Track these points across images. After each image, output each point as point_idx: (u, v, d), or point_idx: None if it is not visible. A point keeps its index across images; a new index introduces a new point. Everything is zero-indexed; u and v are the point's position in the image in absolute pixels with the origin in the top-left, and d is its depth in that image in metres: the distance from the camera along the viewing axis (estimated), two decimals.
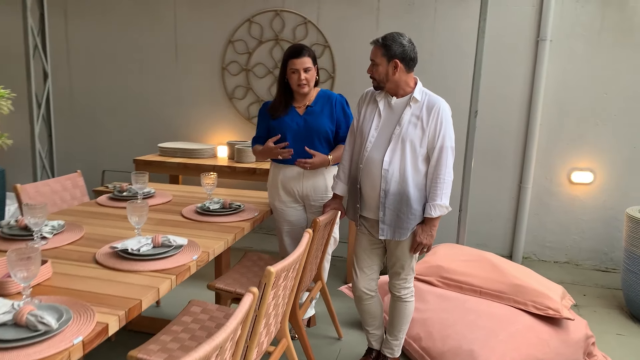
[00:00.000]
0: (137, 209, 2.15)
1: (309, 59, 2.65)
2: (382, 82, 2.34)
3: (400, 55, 2.29)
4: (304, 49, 2.65)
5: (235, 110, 4.58)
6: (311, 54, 2.67)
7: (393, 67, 2.30)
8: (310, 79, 2.68)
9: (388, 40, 2.30)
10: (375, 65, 2.34)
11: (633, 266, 3.30)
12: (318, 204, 2.80)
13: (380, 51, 2.32)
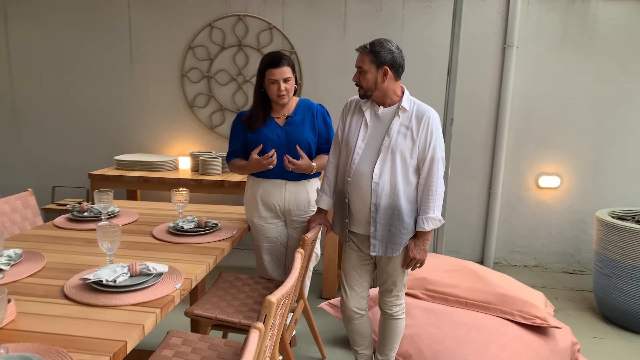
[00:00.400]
0: (109, 233, 1.93)
1: (288, 69, 2.50)
2: (369, 90, 2.23)
3: (390, 62, 2.19)
4: (283, 58, 2.50)
5: (196, 119, 4.36)
6: (290, 63, 2.53)
7: (382, 75, 2.19)
8: (290, 89, 2.53)
9: (376, 47, 2.20)
10: (363, 72, 2.22)
11: (605, 269, 3.35)
12: (300, 219, 2.66)
13: (368, 57, 2.21)
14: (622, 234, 3.21)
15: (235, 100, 4.28)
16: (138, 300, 1.71)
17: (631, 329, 3.25)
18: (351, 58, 4.06)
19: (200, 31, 4.21)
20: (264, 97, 2.58)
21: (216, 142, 4.37)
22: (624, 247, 3.20)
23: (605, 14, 3.81)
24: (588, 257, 4.16)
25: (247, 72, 4.23)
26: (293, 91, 2.58)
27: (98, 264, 2.04)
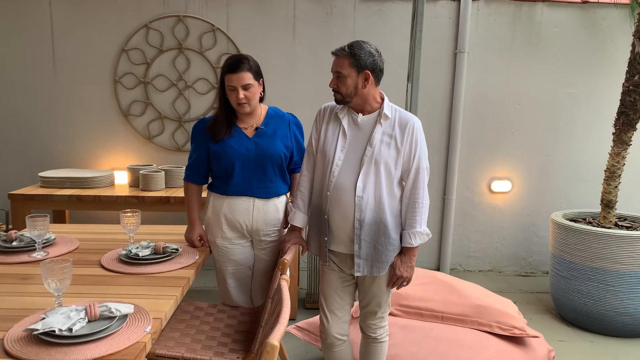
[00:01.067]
0: (58, 271, 1.60)
1: (248, 74, 2.20)
2: (349, 96, 2.05)
3: (371, 66, 2.02)
4: (243, 62, 2.21)
5: (132, 129, 3.96)
6: (252, 68, 2.23)
7: (363, 80, 2.02)
8: (251, 97, 2.24)
9: (356, 49, 2.01)
10: (342, 77, 2.03)
11: (563, 271, 3.39)
12: (269, 239, 2.41)
13: (347, 61, 2.02)
14: (581, 236, 3.25)
15: (175, 108, 3.94)
16: (102, 353, 1.40)
17: (590, 329, 3.31)
18: (300, 62, 3.88)
19: (135, 32, 3.83)
20: (227, 104, 2.30)
21: (155, 153, 4.00)
22: (582, 249, 3.25)
23: (550, 21, 3.90)
24: (539, 258, 4.24)
25: (189, 77, 3.91)
26: (257, 99, 2.30)
27: (43, 308, 1.69)
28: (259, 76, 2.29)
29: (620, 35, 3.90)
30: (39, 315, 1.59)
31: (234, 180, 2.30)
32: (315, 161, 2.20)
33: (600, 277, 3.20)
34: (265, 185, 2.33)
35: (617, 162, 3.44)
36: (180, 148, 3.98)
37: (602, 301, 3.21)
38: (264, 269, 2.49)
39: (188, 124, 3.96)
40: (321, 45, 3.89)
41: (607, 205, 3.47)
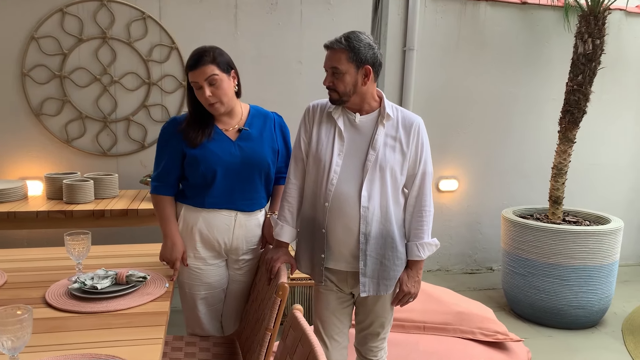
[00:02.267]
0: (12, 325, 1.20)
1: (211, 67, 1.87)
2: (346, 95, 1.81)
3: (372, 60, 1.80)
4: (204, 55, 1.89)
5: (45, 130, 3.38)
6: (217, 59, 1.90)
7: (363, 76, 1.79)
8: (221, 94, 1.91)
9: (354, 41, 1.78)
10: (339, 73, 1.78)
11: (519, 268, 3.41)
12: (247, 257, 2.11)
13: (345, 55, 1.78)
14: (537, 234, 3.29)
15: (99, 106, 3.42)
16: None
17: (547, 324, 3.36)
18: (244, 56, 3.55)
19: (48, 18, 3.26)
20: (198, 105, 1.96)
21: (75, 159, 3.45)
22: (539, 247, 3.29)
23: (493, 20, 3.94)
24: (483, 255, 4.29)
25: (115, 70, 3.41)
26: (230, 95, 1.95)
27: None
28: (228, 68, 1.95)
29: (555, 36, 4.04)
30: None
31: (214, 190, 1.97)
32: (304, 167, 1.93)
33: (556, 273, 3.26)
34: (250, 196, 2.02)
35: (563, 159, 3.54)
36: (105, 152, 3.47)
37: (558, 296, 3.27)
38: (238, 292, 2.18)
39: (114, 125, 3.46)
40: (265, 39, 3.59)
41: (555, 202, 3.56)
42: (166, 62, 3.47)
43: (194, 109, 1.97)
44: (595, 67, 3.43)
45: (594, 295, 3.26)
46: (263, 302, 1.92)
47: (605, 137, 4.30)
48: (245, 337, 2.06)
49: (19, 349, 1.22)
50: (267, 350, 1.71)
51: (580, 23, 3.46)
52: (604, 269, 3.26)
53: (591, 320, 3.34)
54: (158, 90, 3.48)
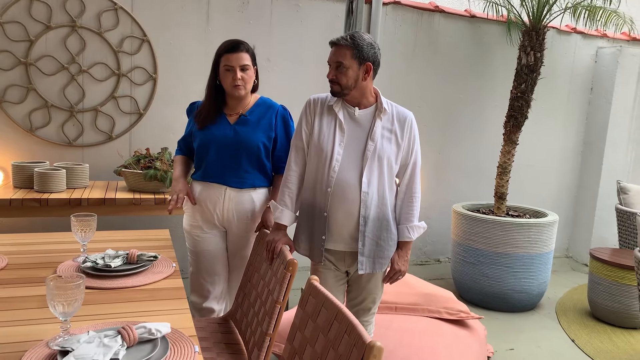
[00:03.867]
0: (68, 290, 1.26)
1: (246, 55, 2.18)
2: (347, 88, 1.99)
3: (372, 58, 2.00)
4: (242, 44, 2.20)
5: (7, 119, 3.27)
6: (250, 52, 2.21)
7: (364, 72, 1.98)
8: (247, 80, 2.20)
9: (358, 40, 1.97)
10: (343, 68, 1.96)
11: (470, 258, 3.74)
12: (241, 230, 2.30)
13: (350, 52, 1.96)
14: (486, 226, 3.63)
15: (66, 95, 3.36)
16: None
17: (493, 308, 3.70)
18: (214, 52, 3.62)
19: (14, 2, 3.17)
20: (217, 91, 2.24)
21: (39, 148, 3.36)
22: (488, 237, 3.63)
23: (445, 31, 4.26)
24: (432, 248, 4.60)
25: (84, 60, 3.37)
26: (251, 85, 2.24)
27: (39, 338, 1.31)
28: (255, 62, 2.25)
29: (499, 48, 4.45)
30: (51, 348, 1.24)
31: (208, 165, 2.25)
32: (305, 156, 2.09)
33: (503, 261, 3.61)
34: (239, 174, 2.23)
35: (507, 159, 3.92)
36: (71, 143, 3.40)
37: (504, 282, 3.62)
38: (240, 266, 2.37)
39: (81, 115, 3.41)
40: (236, 35, 3.64)
41: (500, 197, 3.93)
42: (137, 54, 3.47)
43: (213, 95, 2.24)
44: (536, 77, 3.84)
45: (534, 280, 3.65)
46: (264, 280, 2.04)
47: (538, 141, 4.77)
48: (241, 315, 2.16)
49: (71, 314, 1.28)
50: (277, 321, 1.84)
51: (524, 37, 3.86)
52: (542, 257, 3.65)
53: (531, 303, 3.72)
54: (127, 81, 3.48)
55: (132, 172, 3.00)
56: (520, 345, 3.15)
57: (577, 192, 5.04)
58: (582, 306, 3.81)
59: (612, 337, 3.31)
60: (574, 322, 3.53)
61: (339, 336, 1.39)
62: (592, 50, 4.82)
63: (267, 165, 2.29)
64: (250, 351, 1.92)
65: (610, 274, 3.43)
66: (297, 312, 1.66)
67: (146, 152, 3.23)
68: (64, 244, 2.12)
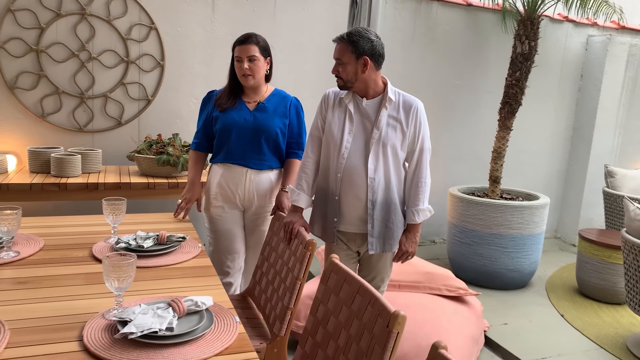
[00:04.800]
0: (123, 267, 1.40)
1: (254, 47, 2.36)
2: (350, 82, 2.13)
3: (370, 52, 2.12)
4: (252, 37, 2.38)
5: (20, 105, 3.35)
6: (260, 43, 2.36)
7: (362, 65, 2.11)
8: (255, 70, 2.37)
9: (354, 36, 2.10)
10: (343, 64, 2.11)
11: (465, 238, 3.92)
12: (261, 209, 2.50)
13: (347, 48, 2.10)
14: (481, 208, 3.81)
15: (77, 82, 3.44)
16: (217, 350, 1.30)
17: (487, 286, 3.88)
18: (220, 39, 3.73)
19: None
20: (236, 79, 2.42)
21: (50, 134, 3.45)
22: (483, 219, 3.81)
23: (442, 19, 4.39)
24: (427, 230, 4.78)
25: (93, 47, 3.44)
26: (262, 74, 2.40)
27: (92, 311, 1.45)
28: (266, 53, 2.40)
29: (494, 36, 4.58)
30: (108, 320, 1.38)
31: (230, 148, 2.41)
32: (320, 145, 2.23)
33: (497, 241, 3.80)
34: (258, 157, 2.42)
35: (502, 144, 4.08)
36: (81, 128, 3.50)
37: (497, 261, 3.82)
38: (256, 244, 2.56)
39: (91, 101, 3.50)
40: (241, 24, 3.77)
41: (494, 181, 4.10)
42: (145, 42, 3.55)
43: (232, 80, 2.42)
44: (530, 65, 3.99)
45: (526, 260, 3.85)
46: (282, 259, 2.19)
47: (530, 127, 4.95)
48: (260, 292, 2.31)
49: (124, 289, 1.42)
50: (297, 296, 1.99)
51: (519, 26, 4.00)
52: (534, 238, 3.85)
53: (522, 281, 3.92)
54: (136, 68, 3.56)
55: (145, 157, 3.11)
56: (513, 320, 3.35)
57: (566, 175, 5.25)
58: (571, 284, 4.03)
59: (598, 312, 3.52)
60: (562, 298, 3.75)
61: (362, 308, 1.54)
62: (583, 39, 4.98)
63: (281, 149, 2.48)
64: (271, 324, 2.07)
65: (597, 253, 3.64)
66: (319, 288, 1.81)
67: (158, 138, 3.34)
68: (94, 227, 2.25)
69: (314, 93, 3.94)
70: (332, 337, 1.62)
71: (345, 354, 1.52)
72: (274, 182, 2.49)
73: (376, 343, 1.41)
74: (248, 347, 1.33)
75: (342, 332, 1.57)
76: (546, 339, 3.10)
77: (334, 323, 1.64)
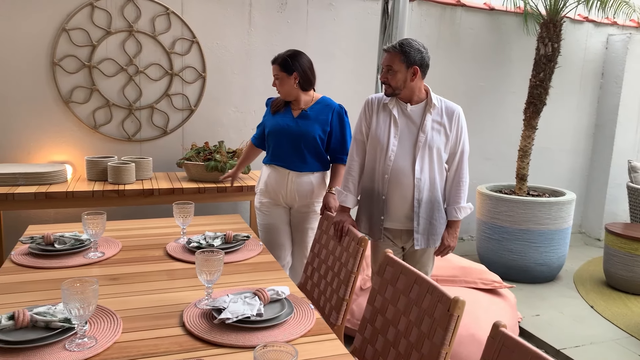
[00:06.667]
0: (213, 262, 1.59)
1: (276, 67, 2.61)
2: (398, 89, 2.31)
3: (419, 62, 2.30)
4: (277, 57, 2.63)
5: (74, 117, 3.59)
6: (282, 62, 2.60)
7: (412, 74, 2.29)
8: (280, 87, 2.63)
9: (406, 47, 2.27)
10: (393, 72, 2.28)
11: (495, 235, 4.07)
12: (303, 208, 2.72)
13: (398, 57, 2.27)
14: (510, 205, 3.96)
15: (125, 95, 3.67)
16: (302, 332, 1.49)
17: (516, 280, 4.04)
18: (256, 51, 3.93)
19: (78, 11, 3.47)
20: None
21: (101, 144, 3.69)
22: (511, 215, 3.96)
23: (466, 24, 4.55)
24: None
25: (140, 61, 3.67)
26: (287, 89, 2.62)
27: (185, 302, 1.65)
28: (288, 70, 2.60)
29: (516, 38, 4.73)
30: (201, 308, 1.58)
31: (275, 151, 2.68)
32: (365, 148, 2.41)
33: (525, 237, 3.95)
34: (299, 160, 2.64)
35: (528, 143, 4.23)
36: (130, 138, 3.73)
37: (526, 256, 3.97)
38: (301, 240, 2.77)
39: (139, 112, 3.73)
40: (276, 35, 3.98)
41: (521, 179, 4.25)
42: (187, 55, 3.77)
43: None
44: (553, 66, 4.14)
45: (554, 254, 3.99)
46: (334, 255, 2.38)
47: (553, 125, 5.08)
48: (312, 286, 2.50)
49: (213, 281, 1.61)
50: (352, 288, 2.18)
51: (542, 29, 4.15)
52: (562, 233, 3.99)
53: (551, 275, 4.07)
54: (179, 80, 3.79)
55: (194, 163, 3.32)
56: (545, 311, 3.50)
57: (589, 171, 5.37)
58: (598, 276, 4.16)
59: (627, 303, 3.66)
60: (591, 290, 3.88)
61: (420, 296, 1.72)
62: (603, 38, 5.10)
63: (322, 154, 2.67)
64: (327, 315, 2.25)
65: (624, 246, 3.77)
66: (375, 280, 1.99)
67: (205, 145, 3.55)
68: (162, 229, 2.46)
69: (346, 101, 4.11)
70: (391, 324, 1.79)
71: (406, 337, 1.70)
72: (315, 184, 2.68)
73: (437, 326, 1.59)
74: (327, 330, 1.52)
75: (402, 318, 1.75)
76: (578, 328, 3.24)
77: (393, 311, 1.81)
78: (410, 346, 1.64)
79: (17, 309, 1.42)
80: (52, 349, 1.32)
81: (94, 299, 1.33)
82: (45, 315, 1.41)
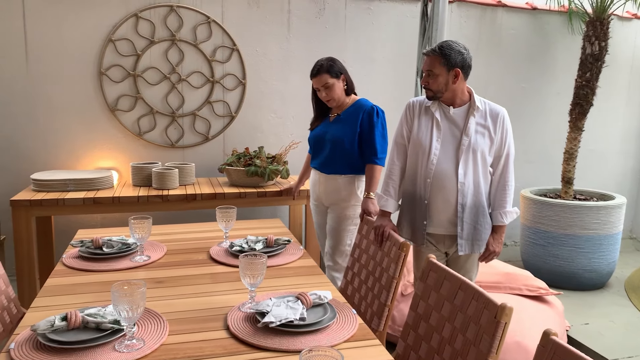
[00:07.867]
0: (257, 266, 1.61)
1: (325, 76, 2.63)
2: (440, 92, 2.27)
3: (461, 64, 2.25)
4: (320, 66, 2.64)
5: (119, 125, 3.70)
6: (327, 68, 2.63)
7: (454, 77, 2.25)
8: (333, 94, 2.66)
9: (446, 49, 2.24)
10: (434, 75, 2.24)
11: (539, 240, 3.95)
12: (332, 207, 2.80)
13: (439, 61, 2.23)
14: (555, 209, 3.84)
15: (168, 102, 3.77)
16: (347, 336, 1.48)
17: (563, 287, 3.90)
18: (295, 56, 3.96)
19: (123, 22, 3.58)
20: (318, 101, 2.78)
21: (145, 151, 3.79)
22: (557, 220, 3.84)
23: (508, 24, 4.45)
24: None
25: (183, 69, 3.76)
26: (339, 93, 2.68)
27: (226, 306, 1.67)
28: (337, 74, 2.64)
29: (560, 37, 4.60)
30: (244, 312, 1.59)
31: (312, 155, 2.90)
32: (406, 152, 2.38)
33: (572, 242, 3.81)
34: (327, 163, 2.74)
35: (574, 145, 4.10)
36: (173, 144, 3.82)
37: (574, 262, 3.83)
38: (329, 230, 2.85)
39: (181, 119, 3.81)
40: (314, 41, 4.00)
41: (567, 182, 4.12)
42: (228, 62, 3.83)
43: (316, 105, 2.78)
44: (600, 65, 3.99)
45: (603, 260, 3.84)
46: (374, 260, 2.36)
47: (600, 126, 4.90)
48: (353, 291, 2.49)
49: (256, 285, 1.63)
50: (394, 294, 2.15)
51: (588, 27, 4.02)
52: (611, 238, 3.84)
53: (600, 282, 3.91)
54: (220, 87, 3.85)
55: (235, 169, 3.37)
56: (594, 320, 3.37)
57: (639, 175, 5.15)
58: None
59: None
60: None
61: (465, 302, 1.68)
62: None
63: (352, 157, 2.68)
64: (369, 321, 2.23)
65: None
66: (418, 285, 1.96)
67: (245, 151, 3.60)
68: (204, 233, 2.51)
69: (385, 106, 4.09)
70: (435, 330, 1.76)
71: (451, 344, 1.66)
72: (342, 186, 2.72)
73: (484, 333, 1.55)
74: (370, 335, 1.51)
75: (446, 325, 1.71)
76: (631, 338, 3.10)
77: (437, 317, 1.78)
78: (456, 353, 1.60)
79: (69, 310, 1.47)
80: (102, 350, 1.36)
81: (142, 301, 1.36)
82: (96, 317, 1.45)
